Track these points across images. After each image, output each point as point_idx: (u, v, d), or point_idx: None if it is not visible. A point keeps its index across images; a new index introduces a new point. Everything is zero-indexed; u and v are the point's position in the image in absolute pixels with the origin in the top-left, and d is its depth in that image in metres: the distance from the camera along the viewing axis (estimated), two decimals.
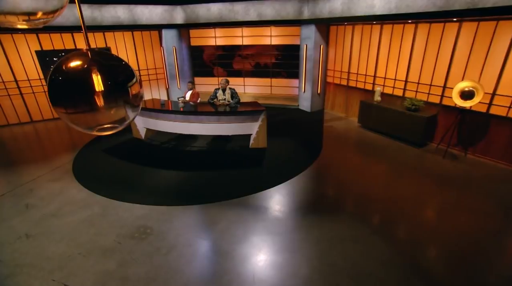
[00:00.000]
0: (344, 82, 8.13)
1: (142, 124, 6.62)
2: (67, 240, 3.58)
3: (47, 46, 7.97)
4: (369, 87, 7.40)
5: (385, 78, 6.92)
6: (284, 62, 9.67)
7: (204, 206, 4.22)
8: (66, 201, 4.41)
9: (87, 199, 4.45)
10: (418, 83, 6.19)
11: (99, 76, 1.02)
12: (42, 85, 8.21)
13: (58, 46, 8.10)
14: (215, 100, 6.31)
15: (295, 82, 9.58)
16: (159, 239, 3.58)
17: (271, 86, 10.22)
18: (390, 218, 3.94)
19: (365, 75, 7.42)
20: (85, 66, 1.03)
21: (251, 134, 5.88)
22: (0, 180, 5.14)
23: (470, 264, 3.14)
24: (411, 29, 6.13)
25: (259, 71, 10.19)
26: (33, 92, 8.16)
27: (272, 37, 9.50)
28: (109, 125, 1.10)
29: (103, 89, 1.02)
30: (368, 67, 7.30)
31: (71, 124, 1.05)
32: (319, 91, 8.66)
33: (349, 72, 7.88)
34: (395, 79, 6.69)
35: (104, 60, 1.13)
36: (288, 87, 9.99)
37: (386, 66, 6.82)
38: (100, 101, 1.01)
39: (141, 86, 1.22)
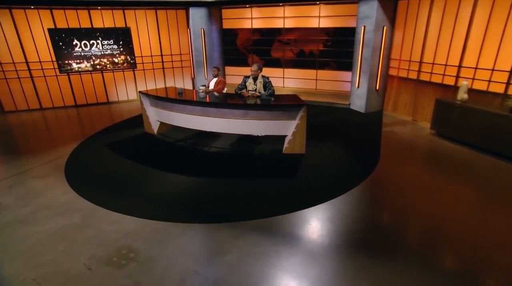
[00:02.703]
0: (413, 75, 7.07)
1: (155, 116, 6.35)
2: (27, 257, 3.07)
3: (61, 24, 8.02)
4: (449, 81, 6.26)
5: (476, 68, 5.69)
6: (335, 49, 8.93)
7: (213, 226, 3.56)
8: (44, 203, 4.03)
9: (70, 203, 4.04)
10: None
11: None
12: (54, 68, 8.31)
13: (73, 24, 8.15)
14: (244, 91, 5.78)
15: (346, 75, 8.79)
16: (143, 269, 2.91)
17: (316, 79, 9.50)
18: (481, 271, 2.84)
19: (445, 65, 6.28)
20: None
21: (286, 135, 5.31)
22: None
23: None
24: None
25: (302, 61, 9.55)
26: (44, 76, 8.30)
27: (321, 18, 8.78)
28: None
29: None
30: (450, 54, 6.16)
31: None
32: (377, 87, 7.70)
33: (421, 62, 6.81)
34: (492, 70, 5.44)
35: None
36: (337, 82, 9.22)
37: (480, 52, 5.59)
38: None
39: None
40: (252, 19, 9.60)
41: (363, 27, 7.28)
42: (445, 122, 5.95)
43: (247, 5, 9.03)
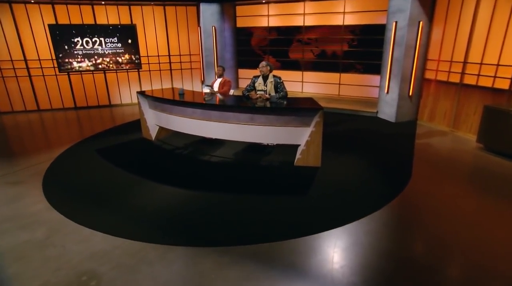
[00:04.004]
0: (455, 79, 6.53)
1: (154, 120, 6.24)
2: None
3: (63, 20, 8.11)
4: (503, 84, 5.65)
5: None
6: (361, 50, 8.65)
7: (199, 251, 3.15)
8: (10, 214, 3.77)
9: (38, 214, 3.77)
10: None
11: None
12: (54, 67, 8.37)
13: (76, 20, 8.21)
14: (252, 92, 5.51)
15: (374, 79, 8.47)
16: None
17: (339, 84, 9.20)
18: None
19: (497, 65, 5.68)
20: None
21: (299, 145, 4.97)
22: None
23: None
24: None
25: (324, 63, 9.28)
26: (43, 75, 8.37)
27: (346, 14, 8.52)
28: None
29: None
30: (504, 52, 5.58)
31: None
32: (410, 93, 7.23)
33: (465, 62, 6.26)
34: None
35: None
36: (364, 87, 8.89)
37: None
38: None
39: None
40: (269, 16, 9.43)
41: (394, 23, 6.84)
42: (496, 134, 5.34)
43: (263, 1, 8.81)
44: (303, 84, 9.56)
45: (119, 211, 3.87)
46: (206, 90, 6.06)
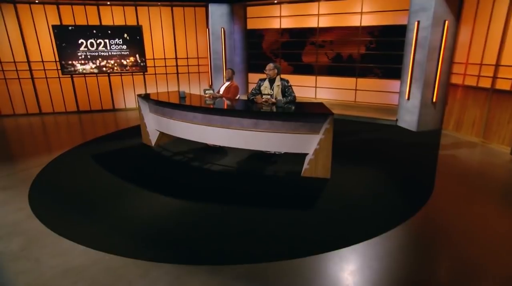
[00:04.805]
0: (485, 83, 6.21)
1: (154, 125, 6.17)
2: None
3: (67, 21, 8.26)
4: None
5: None
6: (380, 53, 8.47)
7: (186, 269, 2.95)
8: None
9: (18, 223, 3.65)
10: None
11: None
12: (57, 69, 8.51)
13: (81, 21, 8.34)
14: (258, 96, 5.37)
15: (394, 84, 8.29)
16: None
17: (355, 89, 9.02)
18: None
19: None
20: None
21: (307, 154, 4.79)
22: None
23: None
24: None
25: (339, 67, 9.15)
26: (46, 77, 8.51)
27: (364, 14, 8.37)
28: None
29: None
30: None
31: None
32: (434, 99, 6.95)
33: (497, 65, 5.94)
34: None
35: None
36: (382, 93, 8.69)
37: None
38: None
39: None
40: (281, 17, 9.39)
41: (416, 23, 6.60)
42: None
43: (275, 1, 8.76)
44: (316, 89, 9.42)
45: (106, 222, 3.73)
46: (207, 93, 5.93)
